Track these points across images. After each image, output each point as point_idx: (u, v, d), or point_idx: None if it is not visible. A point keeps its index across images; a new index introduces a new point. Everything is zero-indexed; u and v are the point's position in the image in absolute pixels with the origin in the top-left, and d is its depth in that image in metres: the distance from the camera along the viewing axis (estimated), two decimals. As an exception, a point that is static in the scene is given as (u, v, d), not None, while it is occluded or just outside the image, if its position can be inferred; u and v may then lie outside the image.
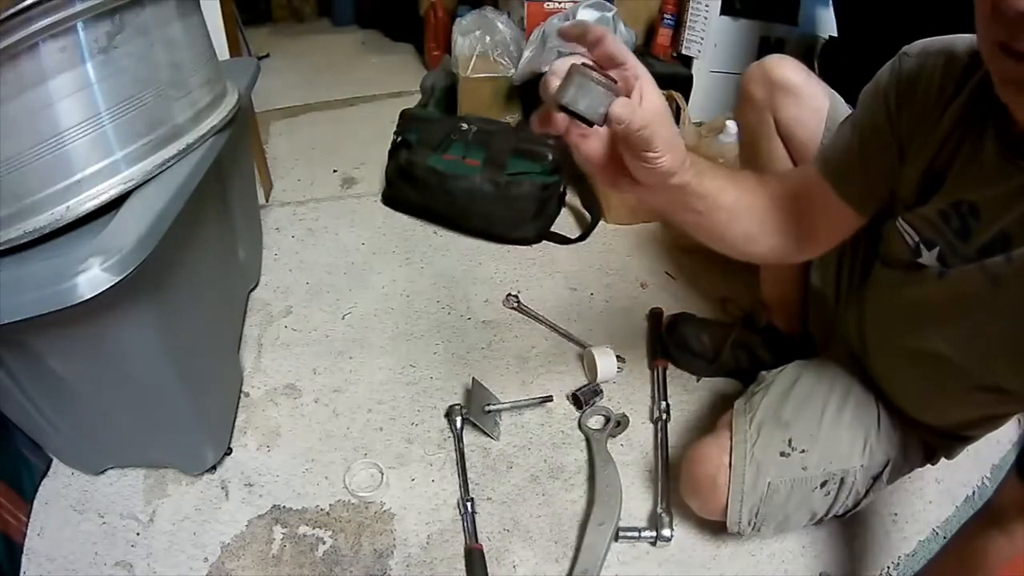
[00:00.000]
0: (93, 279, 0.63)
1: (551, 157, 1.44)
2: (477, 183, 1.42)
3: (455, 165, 1.45)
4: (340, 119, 2.03)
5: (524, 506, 0.95)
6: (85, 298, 0.62)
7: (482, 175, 1.42)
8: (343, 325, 1.25)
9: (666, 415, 1.06)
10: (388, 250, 1.45)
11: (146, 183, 0.76)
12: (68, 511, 0.93)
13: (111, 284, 0.63)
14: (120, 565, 0.87)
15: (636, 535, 0.90)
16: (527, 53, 1.77)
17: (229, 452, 1.00)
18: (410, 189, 1.50)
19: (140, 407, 0.86)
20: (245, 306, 1.27)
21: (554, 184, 1.45)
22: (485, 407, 1.05)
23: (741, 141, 0.98)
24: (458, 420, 1.04)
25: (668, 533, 0.89)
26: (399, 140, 1.53)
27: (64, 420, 0.87)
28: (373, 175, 1.70)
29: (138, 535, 0.90)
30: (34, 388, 0.82)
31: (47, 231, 0.71)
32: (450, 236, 1.49)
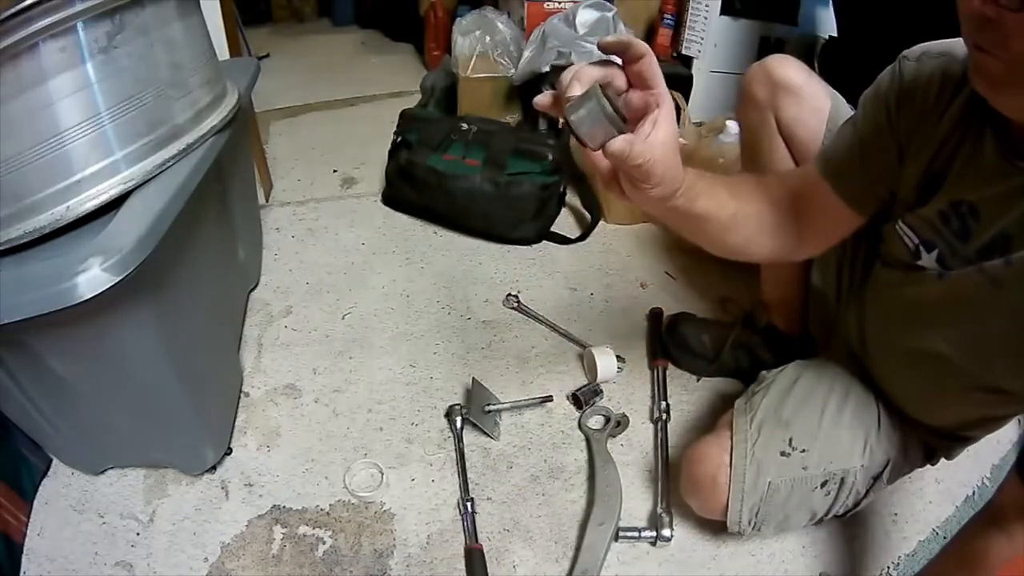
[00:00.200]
0: (93, 279, 0.63)
1: (551, 157, 1.44)
2: (477, 183, 1.42)
3: (455, 165, 1.45)
4: (340, 119, 2.03)
5: (524, 506, 0.95)
6: (85, 298, 0.63)
7: (482, 175, 1.42)
8: (343, 325, 1.25)
9: (666, 415, 1.06)
10: (388, 250, 1.45)
11: (146, 183, 0.76)
12: (68, 511, 0.93)
13: (111, 284, 0.63)
14: (120, 565, 0.87)
15: (636, 535, 0.90)
16: (527, 53, 1.76)
17: (229, 452, 1.00)
18: (410, 189, 1.50)
19: (140, 407, 0.86)
20: (245, 306, 1.27)
21: (554, 184, 1.45)
22: (485, 407, 1.05)
23: (742, 141, 0.98)
24: (458, 420, 1.04)
25: (668, 533, 0.89)
26: (399, 140, 1.53)
27: (64, 420, 0.87)
28: (373, 175, 1.70)
29: (138, 535, 0.90)
30: (34, 388, 0.82)
31: (47, 231, 0.72)
32: (450, 236, 1.49)
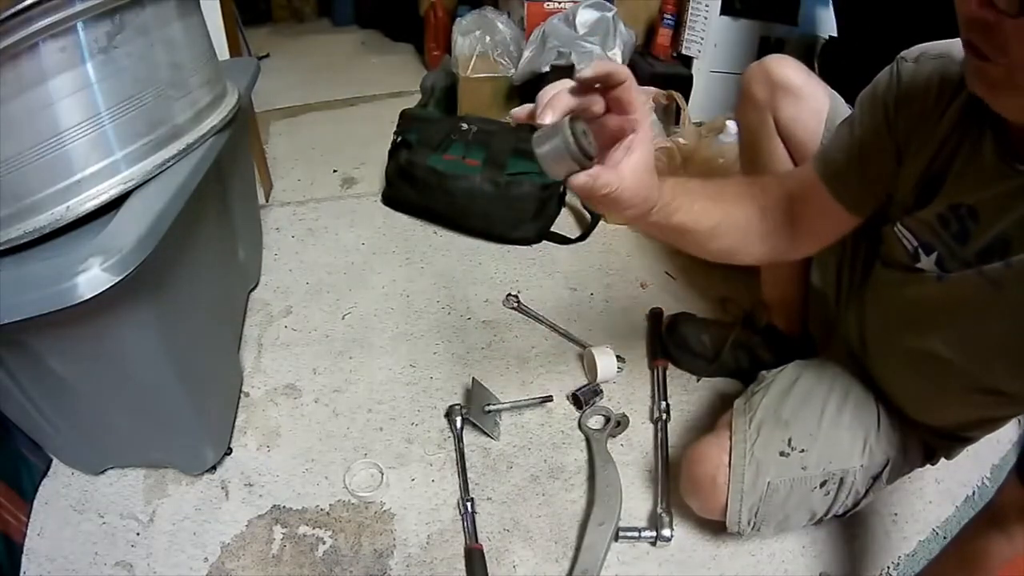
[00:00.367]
0: (93, 279, 0.63)
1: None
2: (477, 183, 1.42)
3: (455, 165, 1.45)
4: (340, 119, 2.03)
5: (524, 506, 0.95)
6: (85, 298, 0.62)
7: (482, 175, 1.42)
8: (343, 325, 1.25)
9: (666, 415, 1.06)
10: (388, 250, 1.45)
11: (146, 183, 0.76)
12: (68, 511, 0.93)
13: (111, 284, 0.63)
14: (120, 565, 0.87)
15: (636, 535, 0.90)
16: (527, 53, 1.77)
17: (229, 452, 1.00)
18: (410, 189, 1.50)
19: (140, 407, 0.86)
20: (245, 306, 1.27)
21: (554, 184, 1.45)
22: (485, 407, 1.05)
23: (741, 141, 0.98)
24: (458, 420, 1.04)
25: (668, 533, 0.89)
26: (399, 140, 1.53)
27: (64, 420, 0.87)
28: (373, 175, 1.70)
29: (138, 535, 0.90)
30: (34, 388, 0.82)
31: (47, 231, 0.71)
32: (450, 236, 1.49)
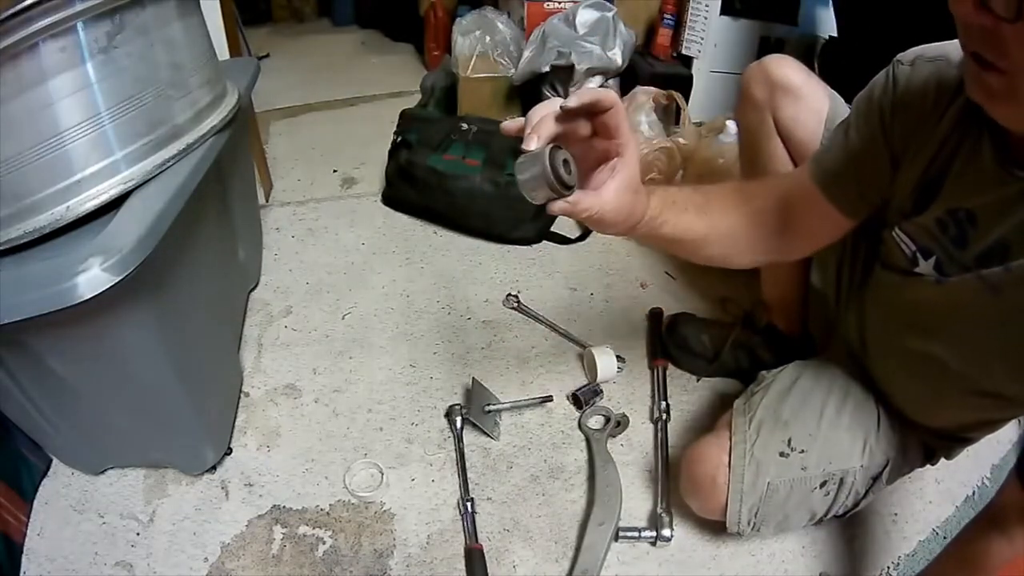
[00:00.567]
0: (93, 279, 0.63)
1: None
2: (477, 183, 1.42)
3: (455, 165, 1.45)
4: (340, 119, 2.03)
5: (524, 506, 0.95)
6: (85, 298, 0.62)
7: (482, 175, 1.42)
8: (343, 325, 1.25)
9: (666, 415, 1.06)
10: (388, 250, 1.45)
11: (146, 183, 0.76)
12: (68, 511, 0.93)
13: (111, 284, 0.63)
14: (120, 565, 0.87)
15: (636, 535, 0.90)
16: (527, 53, 1.77)
17: (229, 452, 1.00)
18: (410, 189, 1.50)
19: (140, 407, 0.86)
20: (245, 306, 1.27)
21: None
22: (485, 407, 1.05)
23: (741, 141, 0.98)
24: (458, 420, 1.04)
25: (668, 533, 0.89)
26: (399, 140, 1.53)
27: (64, 420, 0.87)
28: (373, 175, 1.70)
29: (138, 535, 0.90)
30: (34, 388, 0.82)
31: (47, 231, 0.72)
32: (450, 236, 1.49)
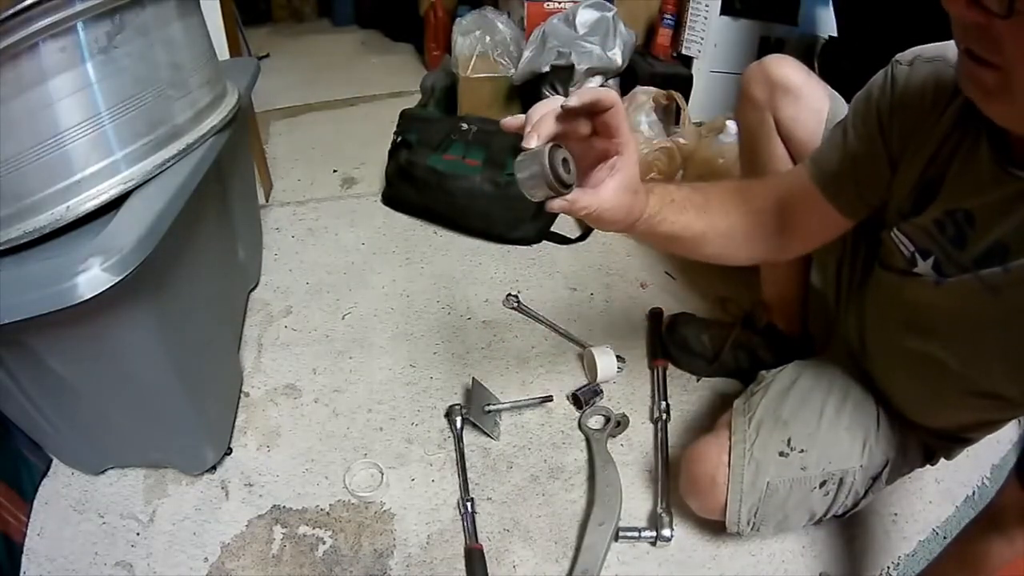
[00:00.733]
0: (93, 279, 0.63)
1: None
2: (477, 183, 1.42)
3: (455, 165, 1.45)
4: (340, 119, 2.03)
5: (524, 506, 0.95)
6: (85, 298, 0.62)
7: (482, 175, 1.42)
8: (343, 325, 1.25)
9: (666, 415, 1.06)
10: (388, 250, 1.45)
11: (146, 183, 0.76)
12: (68, 511, 0.93)
13: (111, 284, 0.63)
14: (120, 565, 0.87)
15: (636, 535, 0.90)
16: (527, 53, 1.77)
17: (229, 452, 1.00)
18: (410, 189, 1.50)
19: (140, 407, 0.86)
20: (245, 306, 1.27)
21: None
22: (485, 407, 1.05)
23: (741, 141, 0.98)
24: (458, 420, 1.04)
25: (668, 533, 0.89)
26: (399, 140, 1.53)
27: (64, 420, 0.87)
28: (373, 175, 1.70)
29: (138, 535, 0.90)
30: (34, 388, 0.82)
31: (47, 231, 0.72)
32: (450, 236, 1.49)
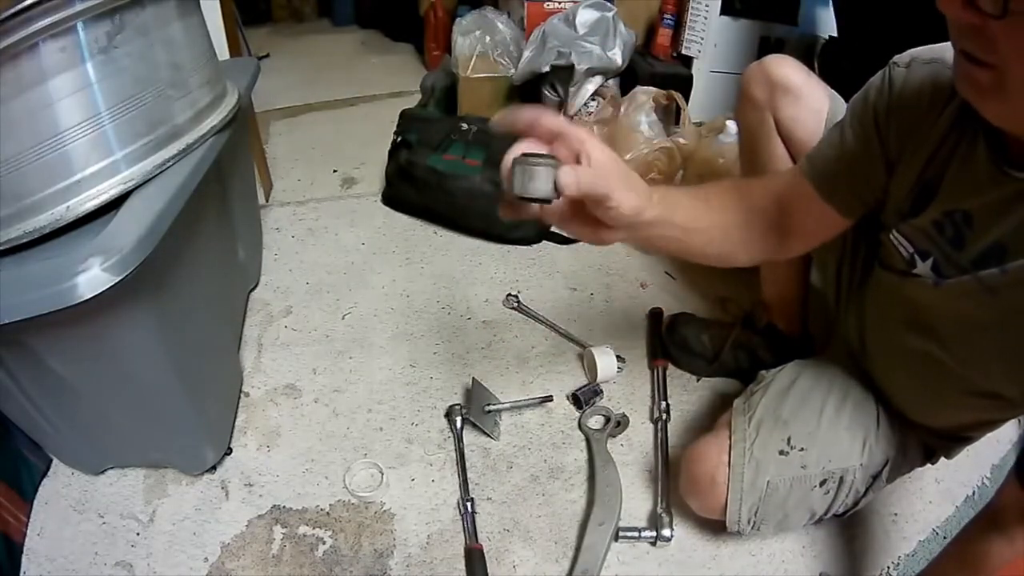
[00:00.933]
0: (93, 279, 0.63)
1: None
2: (477, 183, 1.42)
3: (455, 165, 1.45)
4: (340, 119, 2.03)
5: (524, 506, 0.95)
6: (85, 298, 0.62)
7: (482, 175, 1.42)
8: (343, 325, 1.25)
9: (666, 415, 1.06)
10: (388, 250, 1.45)
11: (146, 183, 0.76)
12: (68, 511, 0.93)
13: (111, 284, 0.63)
14: (120, 565, 0.87)
15: (636, 535, 0.90)
16: (527, 53, 1.77)
17: (229, 452, 1.00)
18: (410, 189, 1.50)
19: (140, 407, 0.86)
20: (245, 306, 1.27)
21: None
22: (485, 407, 1.05)
23: (741, 141, 0.98)
24: (458, 420, 1.04)
25: (668, 533, 0.89)
26: (399, 140, 1.53)
27: (64, 420, 0.87)
28: (373, 175, 1.70)
29: (138, 535, 0.90)
30: (34, 388, 0.82)
31: (47, 231, 0.72)
32: (450, 236, 1.49)
